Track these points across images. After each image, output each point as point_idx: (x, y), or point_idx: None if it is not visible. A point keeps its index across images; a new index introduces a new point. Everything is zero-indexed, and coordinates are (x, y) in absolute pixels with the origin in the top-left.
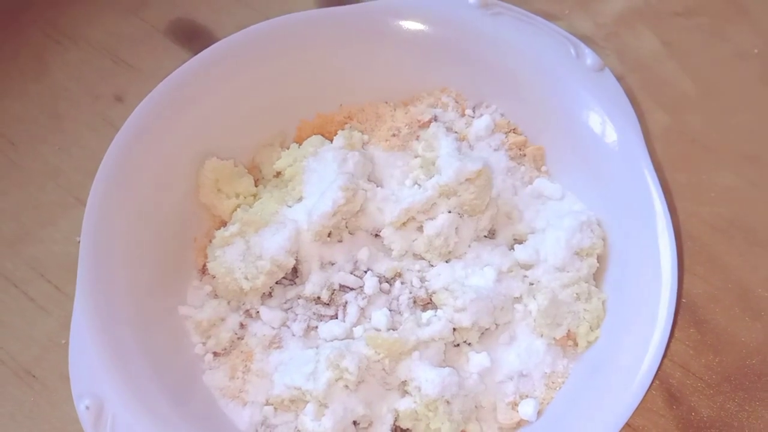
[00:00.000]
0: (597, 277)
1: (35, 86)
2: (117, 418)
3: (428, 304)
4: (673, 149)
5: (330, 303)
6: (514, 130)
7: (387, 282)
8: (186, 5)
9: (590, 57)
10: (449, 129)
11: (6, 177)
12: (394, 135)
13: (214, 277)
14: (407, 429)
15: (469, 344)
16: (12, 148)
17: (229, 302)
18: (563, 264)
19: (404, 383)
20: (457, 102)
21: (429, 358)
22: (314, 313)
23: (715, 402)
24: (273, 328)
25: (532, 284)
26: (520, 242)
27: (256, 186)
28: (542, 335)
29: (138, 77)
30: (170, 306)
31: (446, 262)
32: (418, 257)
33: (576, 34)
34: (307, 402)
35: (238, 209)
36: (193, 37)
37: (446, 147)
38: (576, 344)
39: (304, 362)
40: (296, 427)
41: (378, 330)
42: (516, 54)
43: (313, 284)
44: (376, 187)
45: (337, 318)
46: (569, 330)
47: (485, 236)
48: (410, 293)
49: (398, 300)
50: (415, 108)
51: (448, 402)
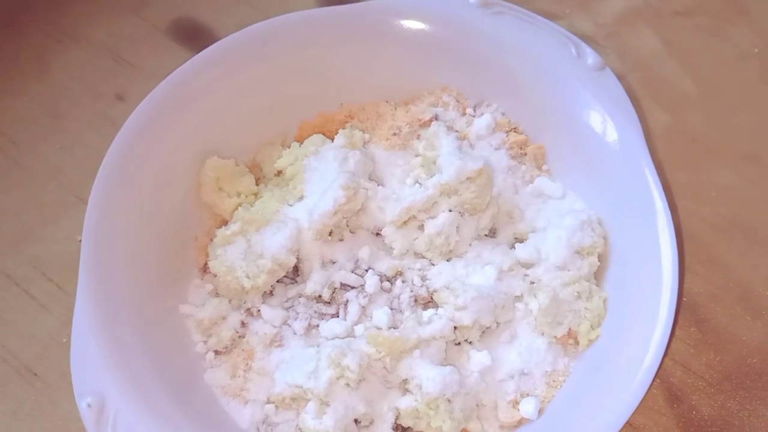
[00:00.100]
0: (598, 276)
1: (36, 85)
2: (118, 416)
3: (429, 303)
4: (674, 148)
5: (331, 301)
6: (515, 129)
7: (388, 281)
8: (187, 4)
9: (591, 56)
10: (450, 128)
11: (7, 176)
12: (395, 134)
13: (216, 276)
14: (408, 427)
15: (470, 343)
16: (13, 147)
17: (231, 301)
18: (564, 263)
19: (405, 381)
20: (458, 101)
21: (430, 357)
22: (315, 312)
23: (716, 401)
24: (274, 327)
25: (533, 283)
26: (521, 241)
27: (257, 185)
28: (543, 334)
29: (139, 76)
30: (171, 304)
31: (447, 261)
32: (419, 256)
33: (577, 34)
34: (309, 400)
35: (240, 208)
36: (194, 37)
37: (447, 146)
38: (577, 343)
39: (306, 361)
40: (297, 426)
41: (379, 328)
42: (517, 53)
43: (315, 283)
44: (377, 186)
45: (338, 316)
46: (570, 328)
47: (486, 235)
48: (411, 292)
49: (399, 298)
50: (416, 107)
51: (449, 400)
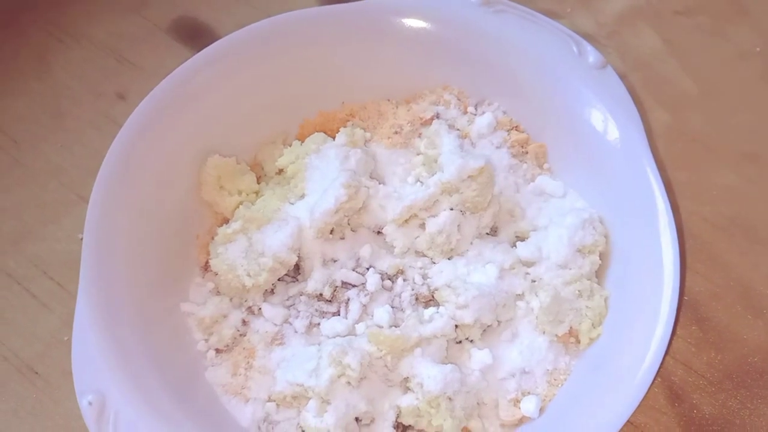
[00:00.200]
0: (599, 275)
1: (38, 85)
2: (119, 414)
3: (430, 301)
4: (674, 148)
5: (332, 300)
6: (516, 128)
7: (389, 279)
8: (188, 4)
9: (592, 54)
10: (451, 126)
11: (9, 175)
12: (396, 132)
13: (217, 274)
14: (409, 426)
15: (471, 341)
16: (15, 147)
17: (232, 299)
18: (565, 261)
19: (406, 380)
20: (459, 99)
21: (431, 355)
22: (316, 310)
23: (717, 399)
24: (275, 325)
25: (534, 281)
26: (522, 239)
27: (259, 183)
28: (544, 332)
29: (140, 75)
30: (172, 303)
31: (448, 260)
32: (420, 254)
33: (578, 33)
34: (310, 398)
35: (241, 206)
36: (195, 36)
37: (448, 144)
38: (578, 341)
39: (307, 359)
40: (298, 424)
41: (380, 327)
42: (518, 51)
43: (316, 281)
44: (379, 185)
45: (339, 315)
46: (571, 327)
47: (487, 233)
48: (412, 290)
49: (400, 297)
50: (417, 105)
51: (450, 399)
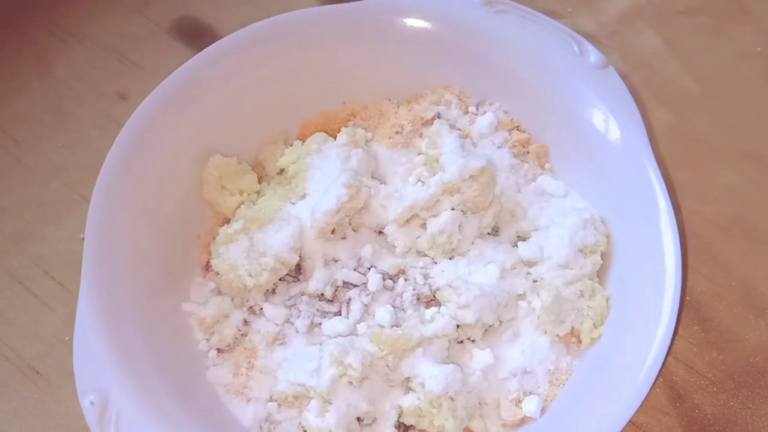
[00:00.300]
0: (601, 275)
1: (39, 84)
2: (121, 414)
3: (432, 301)
4: (676, 147)
5: (333, 300)
6: (518, 128)
7: (390, 279)
8: (189, 4)
9: (594, 54)
10: (452, 126)
11: (10, 175)
12: (398, 132)
13: (218, 274)
14: (411, 426)
15: (473, 341)
16: (16, 146)
17: (233, 299)
18: (567, 261)
19: (408, 380)
20: (461, 99)
21: (432, 355)
22: (318, 310)
23: (719, 400)
24: (276, 325)
25: (536, 281)
26: (524, 239)
27: (260, 183)
28: (546, 332)
29: (142, 75)
30: (174, 303)
31: (450, 259)
32: (422, 254)
33: (579, 32)
34: (311, 398)
35: (242, 206)
36: (196, 35)
37: (449, 144)
38: (579, 341)
39: (308, 359)
40: (300, 424)
41: (381, 327)
42: (519, 51)
43: (317, 281)
44: (380, 185)
45: (341, 315)
46: (573, 327)
47: (489, 233)
48: (414, 290)
49: (402, 297)
50: (419, 105)
51: (452, 398)
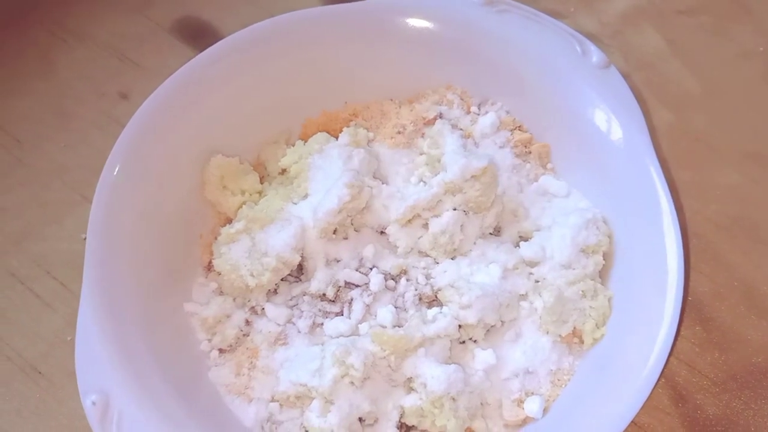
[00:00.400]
0: (603, 275)
1: (41, 84)
2: (123, 414)
3: (433, 301)
4: (678, 147)
5: (335, 300)
6: (520, 128)
7: (392, 279)
8: (191, 3)
9: (596, 54)
10: (454, 126)
11: (12, 174)
12: (399, 132)
13: (220, 274)
14: (413, 426)
15: (475, 341)
16: (18, 146)
17: (235, 299)
18: (569, 261)
19: (410, 380)
20: (462, 99)
21: (434, 355)
22: (319, 310)
23: (721, 400)
24: (278, 325)
25: (538, 281)
26: (526, 239)
27: (262, 183)
28: (548, 332)
29: (143, 75)
30: (175, 303)
31: (452, 260)
32: (424, 254)
33: (581, 32)
34: (313, 398)
35: (244, 206)
36: (198, 35)
37: (451, 144)
38: (582, 341)
39: (310, 359)
40: (302, 424)
41: (383, 327)
42: (521, 51)
43: (319, 281)
44: (382, 185)
45: (343, 315)
46: (575, 327)
47: (491, 233)
48: (415, 290)
49: (403, 297)
50: (420, 105)
51: (454, 399)
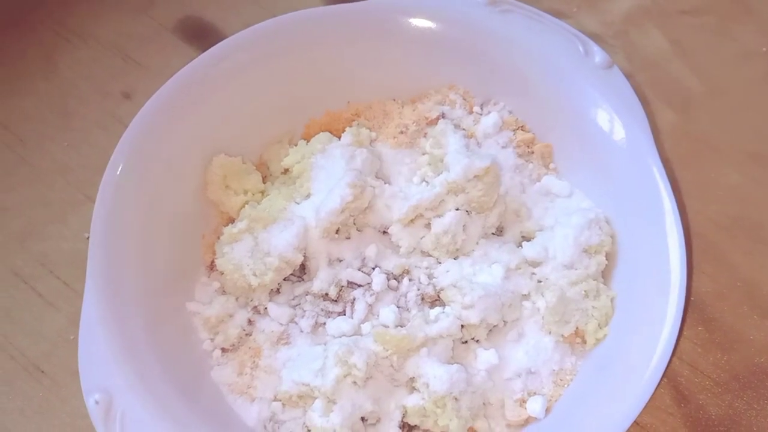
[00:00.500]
0: (605, 275)
1: (44, 84)
2: (126, 413)
3: (436, 301)
4: (680, 147)
5: (338, 299)
6: (522, 128)
7: (395, 279)
8: (194, 4)
9: (599, 54)
10: (457, 126)
11: (15, 174)
12: (402, 132)
13: (222, 274)
14: (415, 426)
15: (477, 341)
16: (21, 145)
17: (237, 298)
18: (571, 261)
19: (412, 380)
20: (465, 99)
21: (437, 355)
22: (322, 310)
23: (724, 400)
24: (281, 325)
25: (541, 281)
26: (528, 239)
27: (264, 183)
28: (550, 332)
29: (146, 75)
30: (178, 302)
31: (454, 259)
32: (426, 254)
33: (584, 32)
34: (315, 398)
35: (246, 206)
36: (201, 35)
37: (454, 144)
38: (584, 342)
39: (312, 358)
40: (304, 423)
41: (386, 326)
42: (524, 51)
43: (321, 281)
44: (384, 184)
45: (345, 314)
46: (577, 327)
47: (493, 233)
48: (418, 290)
49: (406, 297)
50: (423, 105)
51: (456, 399)
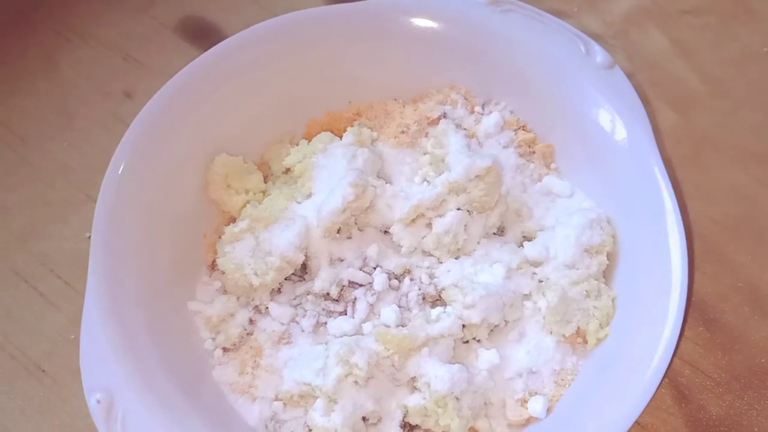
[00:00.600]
0: (607, 275)
1: (45, 84)
2: (128, 413)
3: (437, 301)
4: (682, 147)
5: (339, 299)
6: (524, 128)
7: (396, 278)
8: (195, 3)
9: (600, 54)
10: (458, 126)
11: (16, 173)
12: (403, 132)
13: (224, 273)
14: (416, 425)
15: (479, 341)
16: (22, 145)
17: (239, 298)
18: (573, 261)
19: (413, 379)
20: (467, 99)
21: (438, 355)
22: (323, 309)
23: (724, 400)
24: (282, 324)
25: (542, 281)
26: (530, 239)
27: (266, 182)
28: (552, 332)
29: (147, 74)
30: (179, 301)
31: (455, 259)
32: (427, 254)
33: (585, 32)
34: (317, 397)
35: (248, 205)
36: (202, 35)
37: (455, 144)
38: (585, 341)
39: (314, 358)
40: (305, 423)
41: (387, 326)
42: (525, 51)
43: (323, 280)
44: (386, 184)
45: (346, 314)
46: (579, 327)
47: (494, 233)
48: (419, 290)
49: (407, 296)
50: (424, 105)
51: (458, 398)
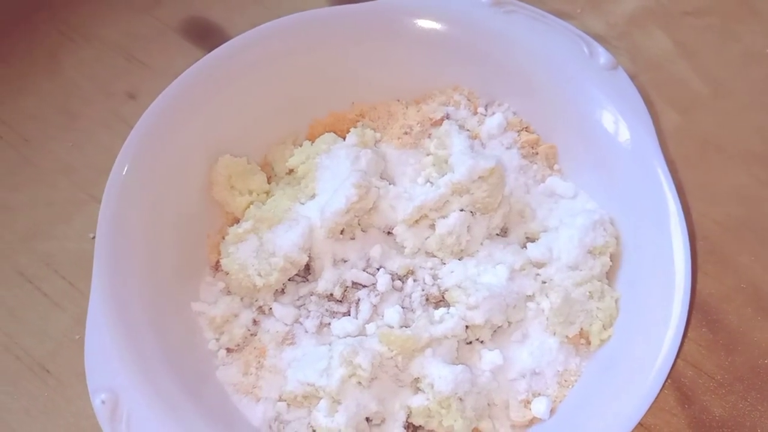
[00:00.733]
0: (610, 276)
1: (49, 84)
2: (132, 413)
3: (441, 302)
4: (685, 149)
5: (342, 300)
6: (527, 129)
7: (399, 279)
8: (199, 4)
9: (603, 55)
10: (461, 127)
11: (19, 174)
12: (407, 133)
13: (227, 274)
14: (420, 426)
15: (482, 342)
16: (25, 145)
17: (242, 299)
18: (576, 262)
19: (417, 380)
20: (470, 100)
21: (442, 356)
22: (327, 310)
23: (728, 402)
24: (286, 325)
25: (545, 282)
26: (533, 240)
27: (269, 183)
28: (555, 333)
29: (151, 75)
30: (183, 302)
31: (458, 260)
32: (431, 255)
33: (588, 33)
34: (320, 398)
35: (251, 206)
36: (206, 36)
37: (459, 145)
38: (589, 343)
39: (317, 359)
40: (309, 424)
41: (391, 327)
42: (529, 52)
43: (326, 281)
44: (389, 185)
45: (350, 315)
46: (582, 328)
47: (497, 234)
48: (423, 291)
49: (411, 297)
50: (428, 106)
51: (461, 399)
